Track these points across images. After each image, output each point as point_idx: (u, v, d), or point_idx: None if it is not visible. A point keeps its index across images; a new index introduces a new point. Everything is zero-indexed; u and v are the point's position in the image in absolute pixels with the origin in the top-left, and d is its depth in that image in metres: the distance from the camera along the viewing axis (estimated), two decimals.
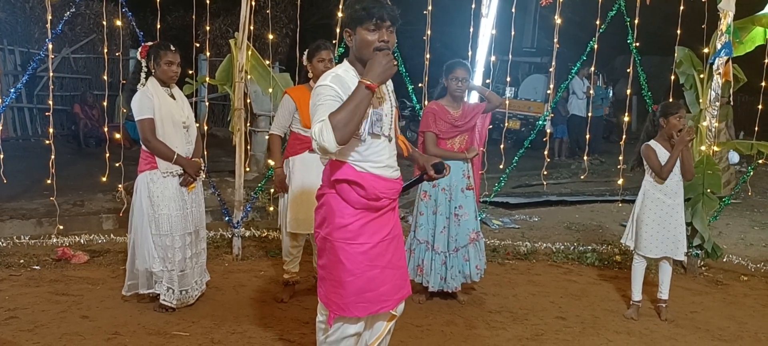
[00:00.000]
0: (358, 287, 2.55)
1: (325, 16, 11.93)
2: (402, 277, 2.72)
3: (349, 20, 2.48)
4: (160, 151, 3.90)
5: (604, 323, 4.22)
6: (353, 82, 2.43)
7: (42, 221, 5.94)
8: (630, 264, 4.50)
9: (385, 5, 2.43)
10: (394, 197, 2.65)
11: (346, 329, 2.65)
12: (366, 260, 2.55)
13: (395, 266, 2.67)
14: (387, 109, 2.58)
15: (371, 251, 2.56)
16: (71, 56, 12.85)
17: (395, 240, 2.68)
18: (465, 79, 4.25)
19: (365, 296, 2.56)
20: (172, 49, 3.98)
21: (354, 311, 2.58)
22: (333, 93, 2.40)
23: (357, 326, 2.66)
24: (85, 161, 9.57)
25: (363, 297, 2.56)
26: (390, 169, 2.60)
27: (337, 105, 2.37)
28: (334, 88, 2.42)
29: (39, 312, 3.93)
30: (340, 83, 2.44)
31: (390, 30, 2.45)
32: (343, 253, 2.55)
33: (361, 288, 2.56)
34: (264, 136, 8.41)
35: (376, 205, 2.55)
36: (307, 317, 4.01)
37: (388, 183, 2.58)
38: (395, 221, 2.70)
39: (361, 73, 2.46)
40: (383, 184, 2.56)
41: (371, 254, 2.56)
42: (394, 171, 2.63)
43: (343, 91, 2.41)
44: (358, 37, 2.45)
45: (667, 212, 4.21)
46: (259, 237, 6.08)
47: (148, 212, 3.95)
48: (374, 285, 2.58)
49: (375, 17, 2.40)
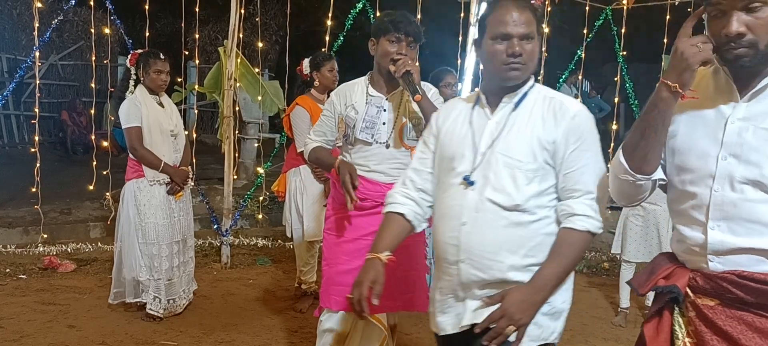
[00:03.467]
0: (329, 276, 2.71)
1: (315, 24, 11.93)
2: (393, 286, 2.70)
3: (375, 30, 2.65)
4: (147, 159, 3.89)
5: (592, 331, 4.24)
6: (359, 95, 2.67)
7: (28, 229, 5.89)
8: (618, 271, 4.53)
9: (412, 22, 2.60)
10: (382, 200, 2.65)
11: (324, 322, 2.76)
12: (341, 253, 2.68)
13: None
14: (388, 118, 2.66)
15: (348, 246, 2.67)
16: (59, 63, 12.77)
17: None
18: (453, 84, 4.35)
19: (336, 288, 2.65)
20: (162, 57, 3.97)
21: (326, 302, 2.71)
22: (330, 110, 2.76)
23: (333, 322, 2.74)
24: (72, 169, 9.49)
25: (334, 289, 2.66)
26: (381, 174, 2.67)
27: (326, 121, 2.75)
28: (334, 101, 2.74)
29: (25, 322, 3.89)
30: (342, 95, 2.73)
31: (411, 45, 2.60)
32: (325, 242, 2.81)
33: (333, 279, 2.68)
34: (253, 144, 8.39)
35: (358, 203, 2.61)
36: (296, 326, 4.00)
37: (374, 186, 2.66)
38: None
39: (376, 83, 2.70)
40: (369, 186, 2.64)
41: (348, 248, 2.66)
42: (386, 176, 2.65)
43: (341, 104, 2.69)
44: (381, 46, 2.61)
45: (648, 219, 4.26)
46: (248, 245, 6.06)
47: (135, 221, 3.93)
48: (347, 280, 2.59)
49: (398, 30, 2.56)
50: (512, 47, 1.79)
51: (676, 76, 1.47)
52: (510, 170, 1.80)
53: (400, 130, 2.69)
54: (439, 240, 1.92)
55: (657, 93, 1.50)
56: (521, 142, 1.81)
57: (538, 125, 1.82)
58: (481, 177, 1.83)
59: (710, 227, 1.50)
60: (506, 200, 1.79)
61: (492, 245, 1.80)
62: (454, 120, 1.97)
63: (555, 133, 1.80)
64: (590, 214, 1.79)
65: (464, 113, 1.95)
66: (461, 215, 1.83)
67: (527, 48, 1.81)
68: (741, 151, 1.46)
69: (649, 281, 1.64)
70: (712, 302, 1.51)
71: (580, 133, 1.81)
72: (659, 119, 1.51)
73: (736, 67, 1.48)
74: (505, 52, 1.79)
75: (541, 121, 1.82)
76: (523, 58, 1.81)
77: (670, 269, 1.61)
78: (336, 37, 5.80)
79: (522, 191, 1.79)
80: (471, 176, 1.84)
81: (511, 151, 1.81)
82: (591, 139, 1.84)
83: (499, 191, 1.80)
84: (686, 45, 1.46)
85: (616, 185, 1.68)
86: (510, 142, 1.83)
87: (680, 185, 1.58)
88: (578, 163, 1.79)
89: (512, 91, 1.87)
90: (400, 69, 2.51)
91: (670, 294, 1.57)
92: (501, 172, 1.81)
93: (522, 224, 1.80)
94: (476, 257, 1.81)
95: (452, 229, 1.85)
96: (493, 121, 1.87)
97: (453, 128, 1.96)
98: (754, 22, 1.40)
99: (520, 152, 1.80)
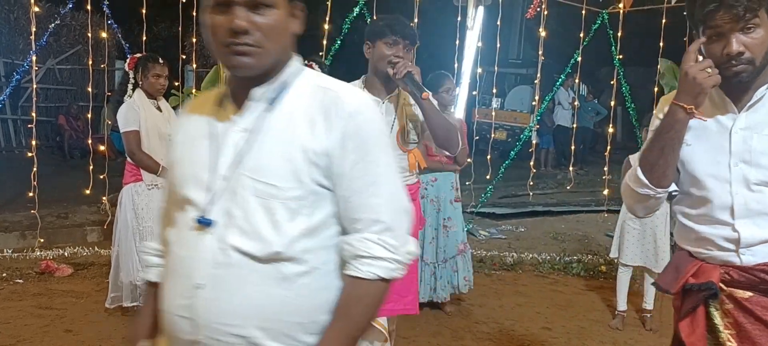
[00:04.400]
0: None
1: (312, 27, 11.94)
2: (393, 290, 2.72)
3: (370, 33, 2.65)
4: (145, 163, 3.89)
5: (589, 334, 4.25)
6: None
7: (25, 233, 5.88)
8: (615, 274, 4.54)
9: (407, 25, 2.62)
10: None
11: None
12: None
13: None
14: (386, 122, 2.66)
15: None
16: (56, 67, 12.76)
17: None
18: (451, 89, 4.35)
19: None
20: (161, 61, 3.98)
21: None
22: None
23: None
24: (69, 173, 9.48)
25: None
26: None
27: None
28: None
29: (22, 326, 3.89)
30: None
31: (406, 48, 2.60)
32: None
33: None
34: None
35: None
36: None
37: None
38: None
39: (372, 86, 2.66)
40: None
41: None
42: None
43: None
44: (377, 50, 2.61)
45: (645, 222, 4.27)
46: None
47: (133, 225, 3.93)
48: None
49: (394, 33, 2.57)
50: (232, 20, 1.21)
51: (690, 99, 1.61)
52: (263, 201, 1.23)
53: (400, 133, 2.70)
54: (164, 310, 1.32)
55: (672, 115, 1.65)
56: (278, 158, 1.23)
57: (303, 130, 1.24)
58: (222, 214, 1.25)
59: (738, 224, 1.65)
60: (260, 248, 1.23)
61: (242, 317, 1.23)
62: (194, 127, 1.36)
63: (327, 139, 1.23)
64: (379, 254, 1.25)
65: (207, 117, 1.34)
66: (194, 273, 1.25)
67: (260, 21, 1.22)
68: (750, 157, 1.65)
69: (678, 280, 1.74)
70: (748, 294, 1.65)
71: (363, 138, 1.25)
72: (676, 139, 1.66)
73: (734, 82, 1.65)
74: (224, 26, 1.22)
75: (307, 125, 1.24)
76: (256, 38, 1.22)
77: (696, 265, 1.73)
78: (333, 41, 5.81)
79: (283, 230, 1.23)
80: (207, 214, 1.25)
81: (264, 173, 1.23)
82: (379, 147, 1.28)
83: (247, 234, 1.23)
84: (696, 70, 1.60)
85: (634, 199, 1.77)
86: (262, 159, 1.24)
87: (697, 191, 1.72)
88: (362, 181, 1.25)
89: (262, 82, 1.28)
90: (401, 71, 2.52)
91: (707, 291, 1.68)
92: (250, 204, 1.23)
93: (287, 280, 1.24)
94: (221, 336, 1.24)
95: (183, 294, 1.26)
96: (238, 129, 1.27)
97: (190, 140, 1.35)
98: (750, 41, 1.59)
99: (276, 173, 1.23)
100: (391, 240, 1.27)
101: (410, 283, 2.81)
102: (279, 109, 1.27)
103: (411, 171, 2.78)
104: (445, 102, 4.32)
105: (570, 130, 9.24)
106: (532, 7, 6.25)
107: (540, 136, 12.68)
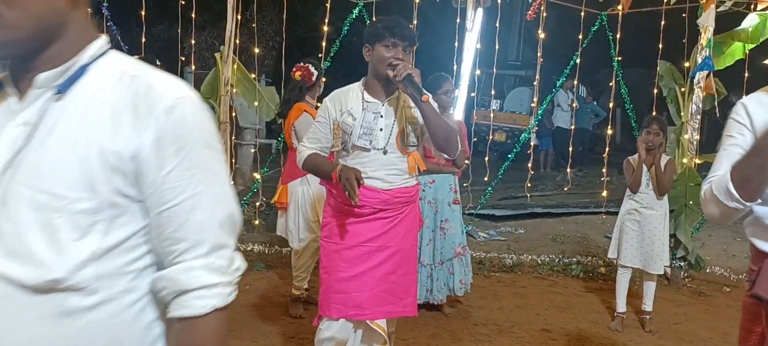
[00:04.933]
0: (329, 284, 2.69)
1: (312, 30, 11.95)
2: (392, 292, 2.72)
3: (369, 36, 2.64)
4: None
5: (588, 335, 4.25)
6: (354, 101, 2.66)
7: None
8: (614, 276, 4.54)
9: (406, 27, 2.61)
10: (380, 206, 2.67)
11: (323, 330, 2.74)
12: (340, 260, 2.67)
13: (382, 276, 2.68)
14: (385, 124, 2.66)
15: (346, 253, 2.66)
16: None
17: (386, 251, 2.70)
18: (450, 91, 4.34)
19: (336, 296, 2.67)
20: (159, 63, 3.98)
21: (326, 310, 2.70)
22: (324, 116, 2.70)
23: (333, 330, 2.72)
24: None
25: (334, 298, 2.67)
26: (379, 181, 2.66)
27: (320, 128, 2.69)
28: (328, 107, 2.70)
29: None
30: (337, 101, 2.70)
31: (406, 50, 2.60)
32: (322, 249, 2.78)
33: (332, 287, 2.67)
34: (250, 150, 8.39)
35: (355, 210, 2.62)
36: (293, 332, 3.99)
37: (373, 192, 2.64)
38: (389, 231, 2.71)
39: (371, 89, 2.68)
40: (367, 193, 2.62)
41: (346, 255, 2.66)
42: (384, 183, 2.65)
43: (336, 110, 2.66)
44: (376, 52, 2.61)
45: (643, 224, 4.28)
46: (244, 251, 6.05)
47: None
48: (346, 288, 2.64)
49: (393, 35, 2.56)
50: None
51: None
52: (41, 215, 0.98)
53: (399, 136, 2.70)
54: None
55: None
56: (67, 161, 0.98)
57: (103, 127, 1.00)
58: None
59: None
60: (34, 274, 0.97)
61: None
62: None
63: (136, 140, 1.00)
64: (211, 281, 1.04)
65: None
66: None
67: None
68: None
69: None
70: None
71: (184, 138, 1.02)
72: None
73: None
74: None
75: (109, 120, 1.01)
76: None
77: None
78: (332, 43, 5.82)
79: (67, 252, 0.98)
80: None
81: (46, 180, 0.98)
82: (207, 149, 1.06)
83: (19, 256, 0.98)
84: None
85: (720, 210, 1.76)
86: (45, 162, 0.99)
87: None
88: (181, 193, 1.02)
89: (47, 66, 1.02)
90: (401, 73, 2.51)
91: None
92: (23, 218, 0.98)
93: (70, 315, 1.00)
94: None
95: None
96: (17, 122, 1.02)
97: None
98: None
99: (62, 181, 0.98)
100: (220, 261, 1.06)
101: (409, 285, 2.81)
102: (73, 100, 1.01)
103: (410, 174, 2.78)
104: (445, 104, 4.32)
105: (569, 132, 9.24)
106: (531, 8, 6.25)
107: (539, 137, 12.70)
